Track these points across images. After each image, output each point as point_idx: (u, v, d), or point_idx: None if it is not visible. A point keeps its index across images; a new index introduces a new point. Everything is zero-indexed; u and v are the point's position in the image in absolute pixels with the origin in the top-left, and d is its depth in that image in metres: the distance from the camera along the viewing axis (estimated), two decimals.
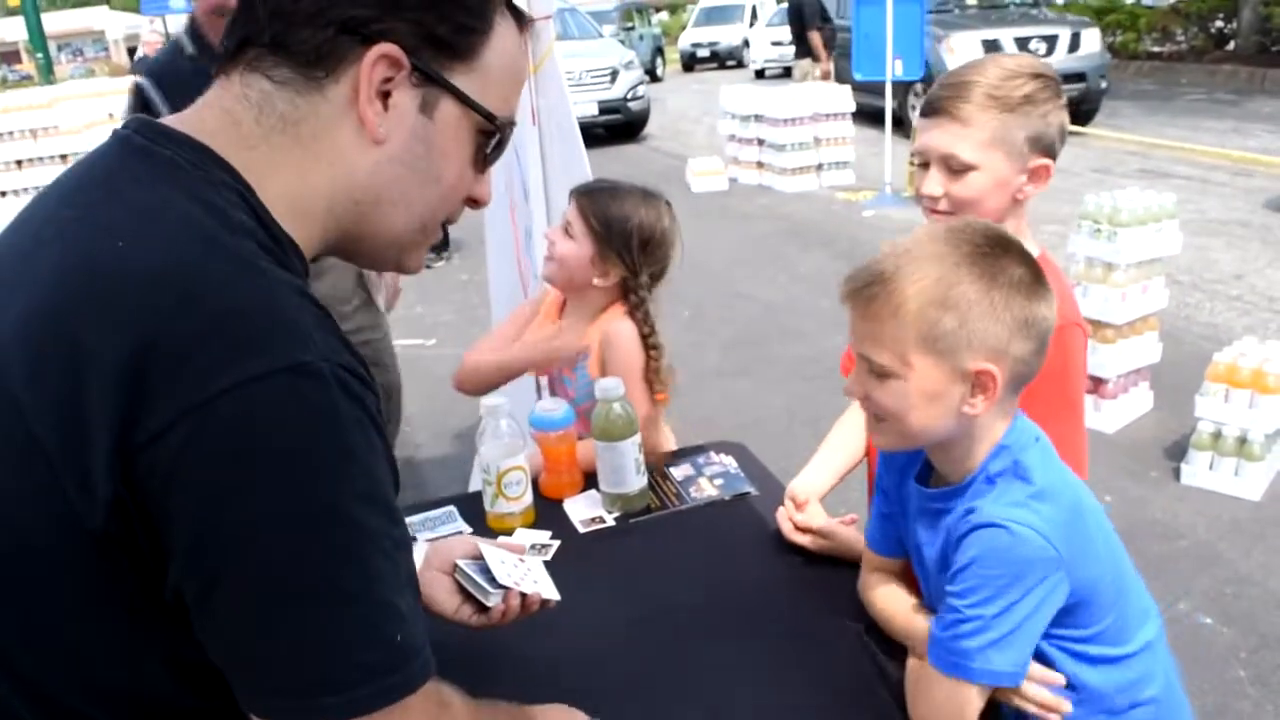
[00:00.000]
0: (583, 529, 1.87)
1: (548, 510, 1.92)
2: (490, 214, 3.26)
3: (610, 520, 1.89)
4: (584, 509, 1.93)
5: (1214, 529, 3.45)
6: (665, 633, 1.53)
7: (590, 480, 1.97)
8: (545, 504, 1.94)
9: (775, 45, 18.69)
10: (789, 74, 13.71)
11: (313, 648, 0.83)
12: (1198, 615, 2.97)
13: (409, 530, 0.95)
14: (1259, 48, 15.16)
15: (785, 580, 1.65)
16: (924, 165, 1.64)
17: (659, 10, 33.94)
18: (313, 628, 0.83)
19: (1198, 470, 3.73)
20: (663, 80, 22.16)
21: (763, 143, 9.94)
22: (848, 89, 9.73)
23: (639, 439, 1.89)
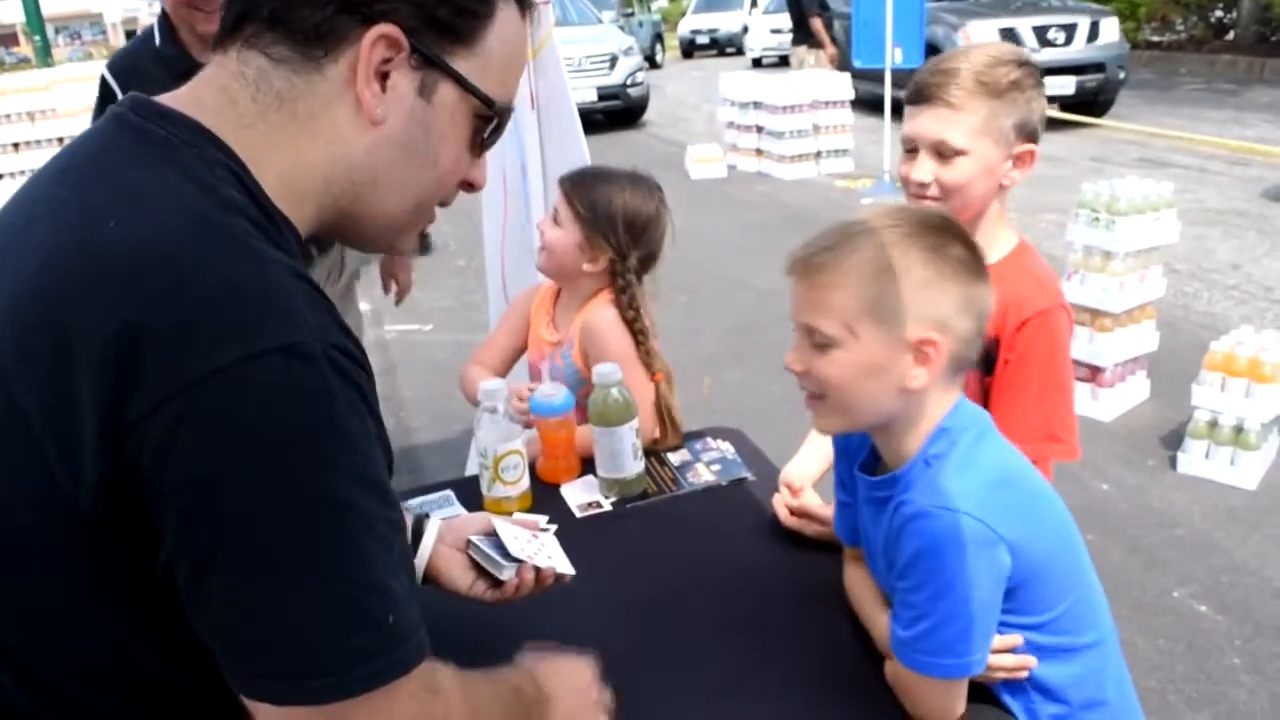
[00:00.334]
0: (579, 513, 1.87)
1: (545, 494, 1.93)
2: (487, 199, 3.25)
3: (607, 505, 1.89)
4: (581, 494, 1.93)
5: (1210, 517, 3.46)
6: (661, 616, 1.53)
7: (587, 465, 1.97)
8: (542, 488, 1.95)
9: (775, 33, 18.50)
10: (786, 63, 13.65)
11: (302, 630, 0.83)
12: (1193, 603, 2.98)
13: (406, 512, 0.95)
14: (1258, 37, 15.13)
15: (781, 564, 1.65)
16: (911, 151, 1.65)
17: None
18: (302, 610, 0.82)
19: (1194, 459, 3.74)
20: (662, 67, 22.07)
21: (761, 130, 9.90)
22: (847, 76, 9.69)
23: (636, 424, 1.89)
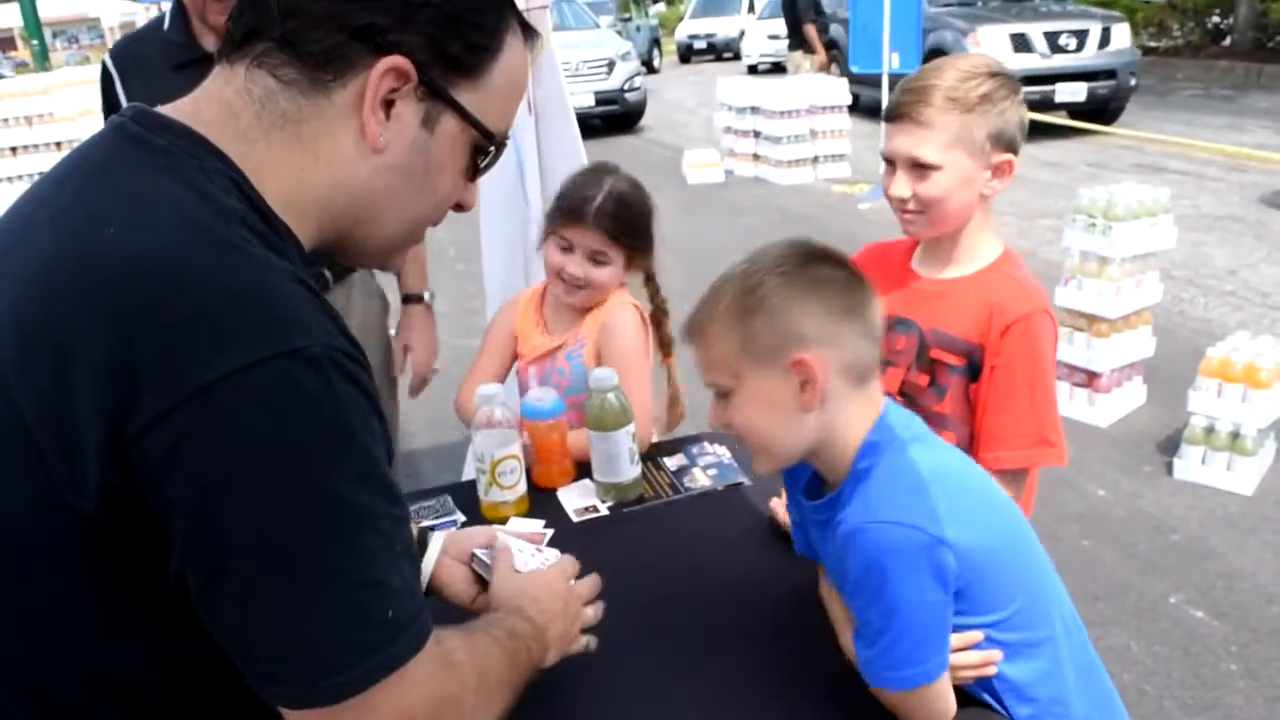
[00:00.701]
0: (576, 518, 1.87)
1: (541, 499, 1.93)
2: (485, 204, 3.26)
3: (604, 510, 1.89)
4: (578, 498, 1.93)
5: (1206, 523, 3.47)
6: (658, 621, 1.53)
7: (584, 469, 1.98)
8: (539, 493, 1.95)
9: (772, 39, 18.44)
10: (782, 69, 13.66)
11: (309, 633, 0.84)
12: (1189, 609, 2.99)
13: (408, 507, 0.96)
14: (1255, 43, 15.15)
15: (778, 569, 1.65)
16: (891, 165, 1.71)
17: (656, 1, 33.84)
18: (310, 614, 0.83)
19: (1190, 465, 3.74)
20: (659, 72, 22.10)
21: (759, 135, 9.92)
22: (844, 81, 9.70)
23: (633, 429, 1.90)
